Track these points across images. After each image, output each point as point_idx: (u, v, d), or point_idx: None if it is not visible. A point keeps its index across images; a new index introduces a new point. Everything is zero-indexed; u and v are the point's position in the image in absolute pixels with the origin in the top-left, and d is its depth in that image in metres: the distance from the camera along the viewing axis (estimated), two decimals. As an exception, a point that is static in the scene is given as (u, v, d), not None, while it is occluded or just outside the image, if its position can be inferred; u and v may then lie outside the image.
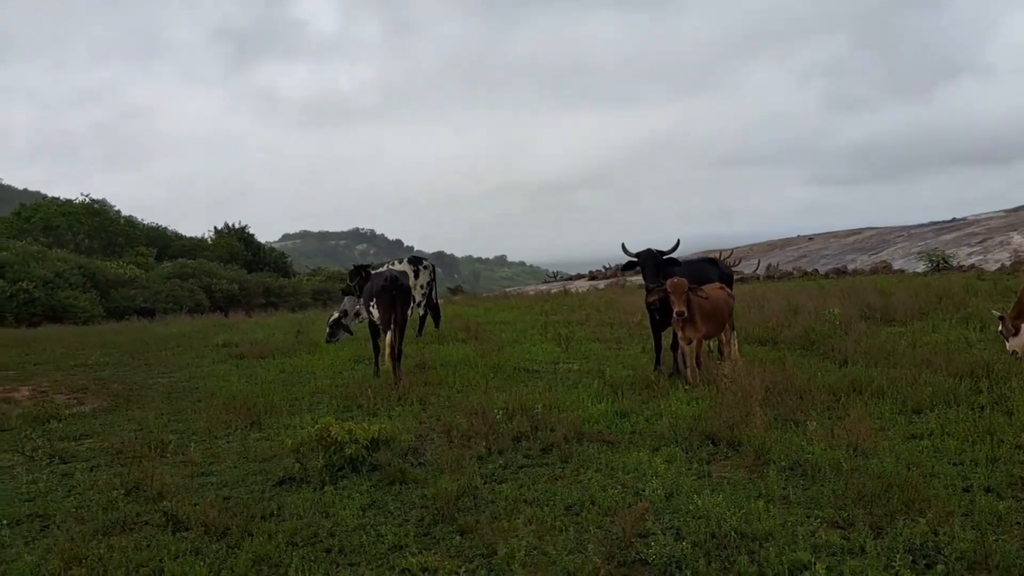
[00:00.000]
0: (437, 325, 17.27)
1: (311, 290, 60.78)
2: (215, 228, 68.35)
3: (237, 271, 58.35)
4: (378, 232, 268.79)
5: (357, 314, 16.79)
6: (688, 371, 9.74)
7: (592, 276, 43.09)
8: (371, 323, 11.97)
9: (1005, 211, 34.59)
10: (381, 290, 11.01)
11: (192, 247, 64.37)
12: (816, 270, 30.69)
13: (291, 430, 8.10)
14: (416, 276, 16.99)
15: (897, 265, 28.32)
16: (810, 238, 38.63)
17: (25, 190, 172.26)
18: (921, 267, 26.42)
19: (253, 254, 66.22)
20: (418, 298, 16.89)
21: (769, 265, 33.07)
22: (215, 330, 21.06)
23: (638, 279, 38.00)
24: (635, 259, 10.73)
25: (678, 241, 10.75)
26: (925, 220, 36.53)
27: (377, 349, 11.99)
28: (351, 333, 16.66)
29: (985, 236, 28.51)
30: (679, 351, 10.38)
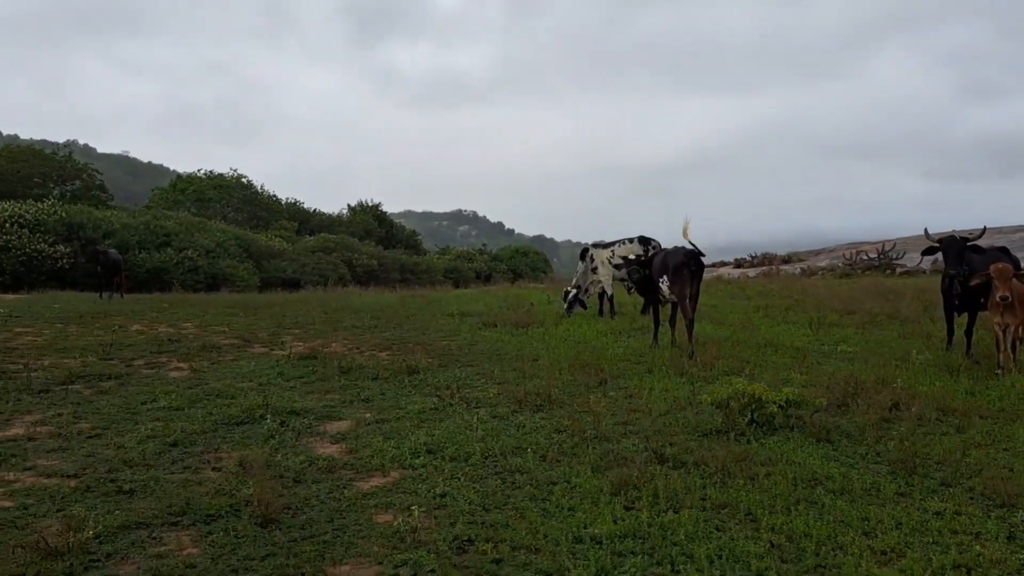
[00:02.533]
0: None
1: (443, 268, 62.04)
2: (348, 205, 70.48)
3: (375, 247, 60.05)
4: (480, 214, 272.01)
5: (586, 291, 17.46)
6: (1002, 355, 10.03)
7: (738, 264, 43.05)
8: (652, 297, 12.56)
9: None
10: (681, 265, 11.58)
11: (330, 222, 66.52)
12: None
13: (665, 392, 8.79)
14: (646, 254, 17.58)
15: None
16: (1017, 229, 37.74)
17: (150, 163, 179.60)
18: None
19: (386, 231, 68.01)
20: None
21: (935, 259, 32.54)
22: (413, 301, 22.08)
23: (791, 268, 37.40)
24: (937, 244, 11.04)
25: (984, 229, 11.04)
26: None
27: (657, 322, 12.61)
28: (585, 307, 17.35)
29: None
30: (994, 337, 10.67)
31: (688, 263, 11.59)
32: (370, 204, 69.88)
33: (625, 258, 13.33)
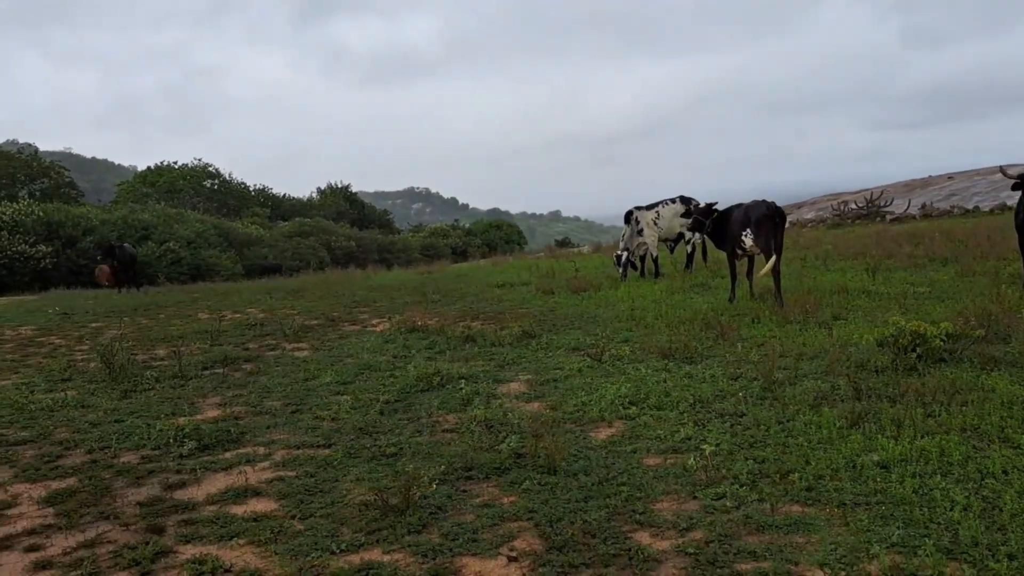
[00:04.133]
0: (705, 259, 18.30)
1: (419, 246, 62.06)
2: (318, 188, 70.10)
3: (350, 228, 59.89)
4: (433, 190, 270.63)
5: (632, 252, 17.79)
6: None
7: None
8: (731, 252, 12.95)
9: None
10: (764, 217, 11.98)
11: (301, 207, 66.14)
12: (977, 207, 31.11)
13: (796, 339, 9.22)
14: (687, 215, 18.00)
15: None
16: (950, 177, 38.94)
17: (94, 159, 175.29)
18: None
19: (358, 212, 67.81)
20: (688, 235, 17.92)
21: (923, 204, 33.52)
22: (440, 276, 22.30)
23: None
24: (1018, 180, 11.56)
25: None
26: (993, 163, 36.73)
27: (735, 276, 13.02)
28: (636, 268, 17.69)
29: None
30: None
31: (772, 215, 11.99)
32: (340, 186, 69.53)
33: (688, 213, 13.65)
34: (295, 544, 4.54)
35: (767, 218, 12.00)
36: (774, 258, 11.68)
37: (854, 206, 35.36)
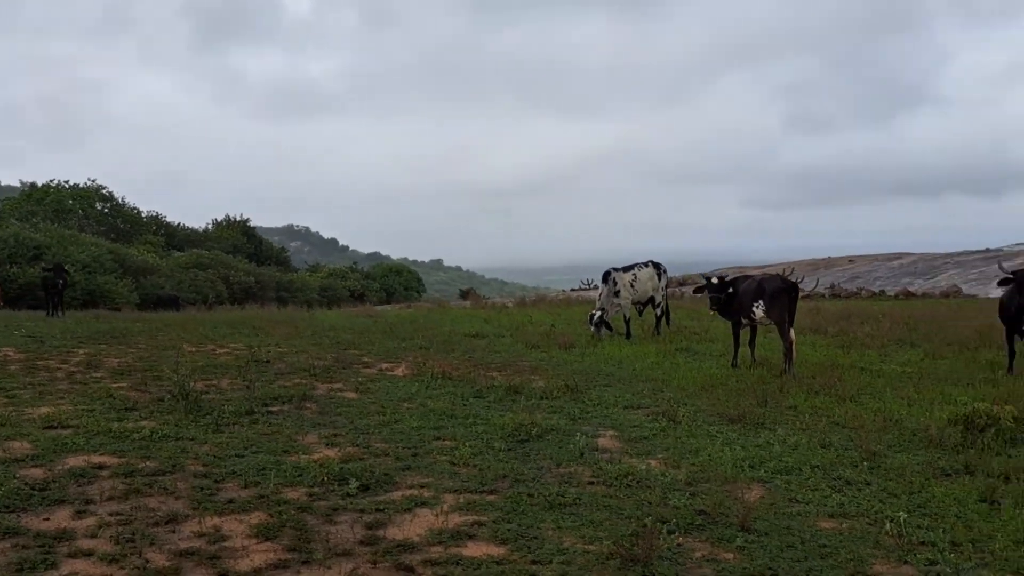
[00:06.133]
0: (668, 323, 18.85)
1: (318, 286, 61.06)
2: (215, 220, 68.19)
3: (248, 264, 58.51)
4: (313, 229, 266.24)
5: (607, 312, 18.14)
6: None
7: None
8: (736, 321, 13.53)
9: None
10: (779, 291, 12.65)
11: (196, 237, 64.21)
12: (883, 291, 33.11)
13: (851, 412, 9.74)
14: (659, 278, 18.62)
15: (968, 290, 30.90)
16: (850, 260, 41.36)
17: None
18: (999, 292, 28.89)
19: (255, 247, 66.28)
20: (658, 299, 18.50)
21: (832, 284, 35.42)
22: (395, 322, 22.15)
23: (687, 289, 39.47)
24: (1011, 276, 12.55)
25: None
26: (851, 244, 39.80)
27: (737, 343, 13.60)
28: (612, 329, 18.05)
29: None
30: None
31: (788, 289, 12.64)
32: (238, 219, 67.90)
33: (709, 283, 14.14)
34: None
35: (783, 291, 12.64)
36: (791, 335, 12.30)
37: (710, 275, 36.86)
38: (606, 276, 18.24)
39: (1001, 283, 13.11)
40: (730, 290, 13.60)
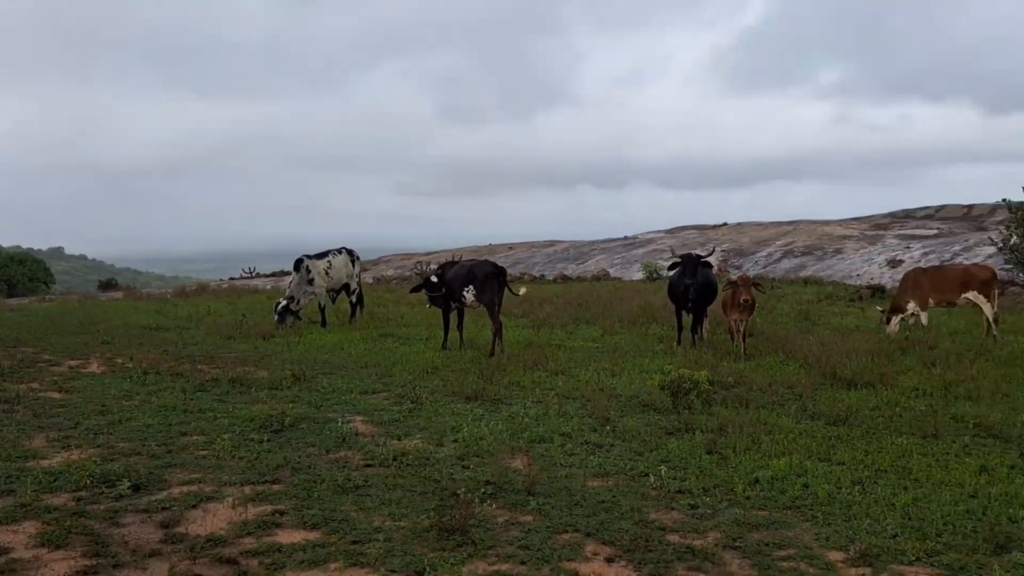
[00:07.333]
0: (362, 310, 18.98)
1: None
2: None
3: None
4: None
5: (298, 301, 17.87)
6: (743, 342, 13.25)
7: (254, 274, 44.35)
8: (446, 305, 14.06)
9: (666, 231, 42.61)
10: (490, 276, 13.33)
11: None
12: (544, 275, 35.68)
13: (574, 381, 10.60)
14: (353, 265, 18.72)
15: (614, 273, 34.21)
16: (511, 247, 43.87)
17: None
18: (639, 275, 32.36)
19: None
20: (353, 286, 18.63)
21: (496, 269, 37.47)
22: (58, 314, 20.25)
23: (366, 275, 39.55)
24: (680, 260, 14.17)
25: (714, 248, 14.47)
26: (496, 232, 43.74)
27: (448, 327, 14.14)
28: (300, 319, 17.77)
29: (670, 250, 35.34)
30: (702, 327, 14.13)
31: (498, 275, 13.39)
32: None
33: (428, 282, 14.46)
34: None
35: (492, 276, 13.35)
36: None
37: (435, 266, 38.26)
38: (298, 264, 17.95)
39: (671, 267, 14.76)
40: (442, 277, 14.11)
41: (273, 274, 44.44)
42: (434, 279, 14.37)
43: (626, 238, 42.73)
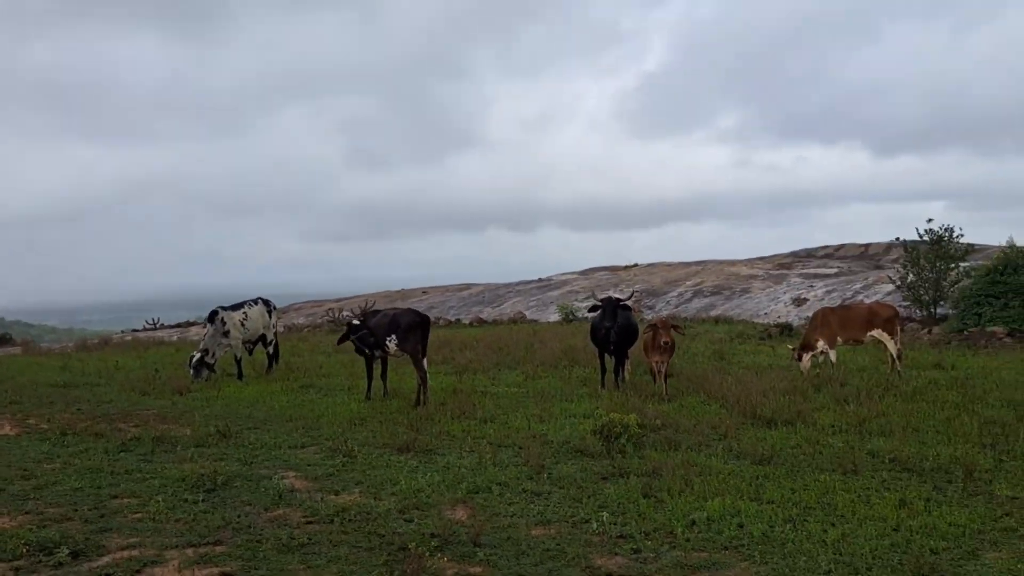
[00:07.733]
0: (277, 362, 18.72)
1: None
2: None
3: None
4: None
5: (213, 354, 17.51)
6: (665, 383, 13.59)
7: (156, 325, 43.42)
8: (368, 355, 14.00)
9: (579, 272, 43.25)
10: (415, 324, 13.35)
11: None
12: (459, 319, 35.75)
13: (528, 429, 10.67)
14: (270, 315, 18.50)
15: (531, 316, 34.50)
16: (424, 291, 43.81)
17: None
18: (555, 317, 32.72)
19: None
20: (270, 337, 18.41)
21: (411, 315, 37.36)
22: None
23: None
24: (600, 303, 14.44)
25: (633, 292, 14.77)
26: (406, 276, 43.97)
27: (371, 376, 14.07)
28: (215, 372, 17.40)
29: (585, 292, 35.85)
30: (624, 370, 14.41)
31: (422, 323, 13.42)
32: None
33: (352, 326, 14.35)
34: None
35: (417, 325, 13.38)
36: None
37: (348, 314, 37.92)
38: (212, 316, 17.59)
39: (591, 309, 15.03)
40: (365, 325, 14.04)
41: (178, 325, 43.39)
42: (356, 322, 14.29)
43: (541, 280, 43.17)
